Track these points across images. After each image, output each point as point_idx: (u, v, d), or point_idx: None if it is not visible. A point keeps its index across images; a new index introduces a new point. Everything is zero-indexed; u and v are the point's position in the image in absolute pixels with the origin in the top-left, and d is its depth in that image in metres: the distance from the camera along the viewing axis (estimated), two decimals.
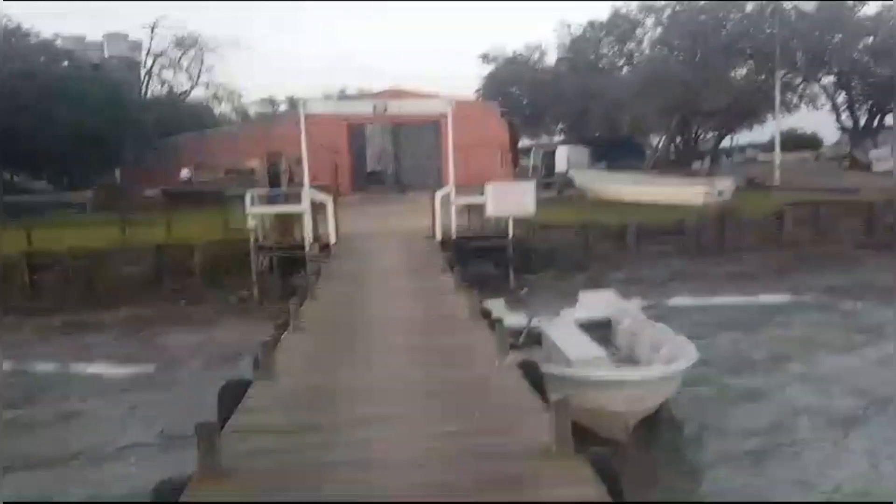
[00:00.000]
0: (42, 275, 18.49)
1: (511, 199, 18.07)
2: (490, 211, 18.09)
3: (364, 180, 33.78)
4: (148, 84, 42.64)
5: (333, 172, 27.01)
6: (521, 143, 47.81)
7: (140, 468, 9.25)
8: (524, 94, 46.28)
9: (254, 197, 18.01)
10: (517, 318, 11.46)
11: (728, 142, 50.83)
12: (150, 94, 42.18)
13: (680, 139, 44.96)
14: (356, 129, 33.23)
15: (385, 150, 35.65)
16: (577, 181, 29.25)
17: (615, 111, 41.66)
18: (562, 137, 49.29)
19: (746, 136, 50.47)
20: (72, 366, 14.07)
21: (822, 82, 41.98)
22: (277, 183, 20.74)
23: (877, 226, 21.93)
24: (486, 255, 18.23)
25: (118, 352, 14.81)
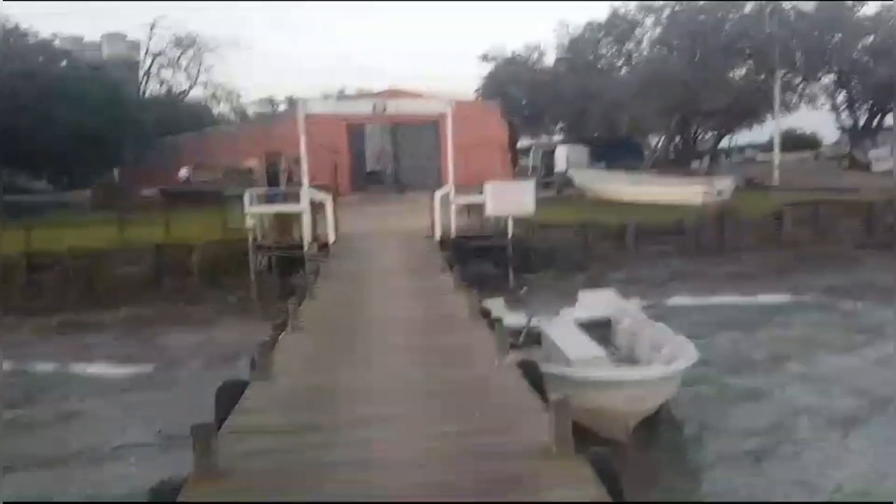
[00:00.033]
0: (41, 275, 18.46)
1: (510, 199, 18.06)
2: (489, 210, 18.09)
3: (363, 180, 33.74)
4: (147, 84, 42.64)
5: (332, 172, 26.97)
6: (521, 143, 47.82)
7: (139, 468, 9.22)
8: (523, 94, 46.27)
9: (252, 196, 17.99)
10: (517, 317, 11.43)
11: (727, 142, 50.85)
12: (149, 93, 42.14)
13: (679, 139, 44.95)
14: (355, 129, 33.19)
15: (384, 150, 35.60)
16: (577, 181, 29.23)
17: (614, 111, 41.68)
18: (561, 137, 49.29)
19: (745, 136, 50.51)
20: (71, 366, 14.04)
21: (821, 82, 42.00)
22: (276, 182, 20.74)
23: (876, 226, 21.92)
24: (486, 255, 18.22)
25: (118, 352, 14.78)
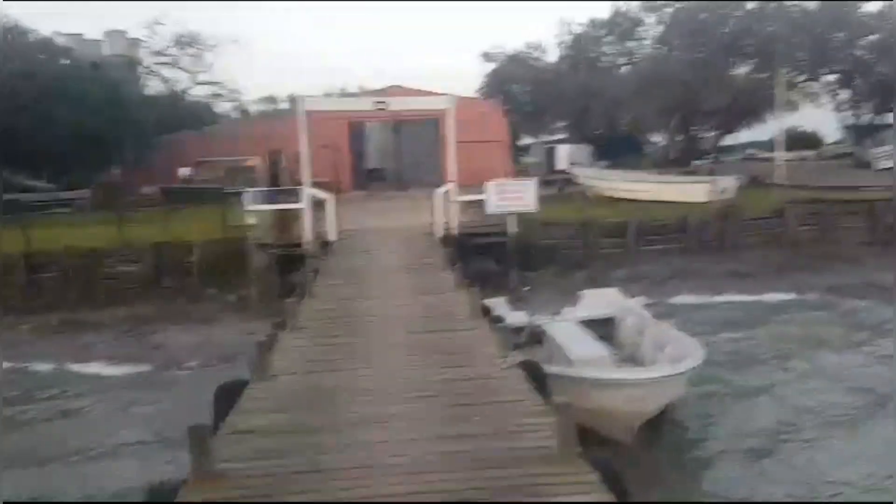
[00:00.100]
0: (41, 274, 18.38)
1: (512, 197, 17.96)
2: (491, 208, 17.98)
3: (365, 177, 33.64)
4: (147, 82, 42.54)
5: (334, 170, 26.90)
6: (522, 141, 47.79)
7: (138, 468, 9.18)
8: (525, 92, 46.19)
9: (253, 195, 17.90)
10: (518, 316, 11.37)
11: (730, 140, 50.72)
12: (150, 92, 42.04)
13: (681, 137, 44.86)
14: (357, 127, 33.10)
15: (386, 148, 35.51)
16: (578, 179, 29.13)
17: (615, 109, 41.60)
18: (563, 135, 49.21)
19: (747, 134, 50.35)
20: (70, 365, 14.01)
21: (823, 80, 41.86)
22: (277, 181, 20.60)
23: (878, 224, 21.80)
24: (487, 253, 18.12)
25: (117, 351, 14.73)
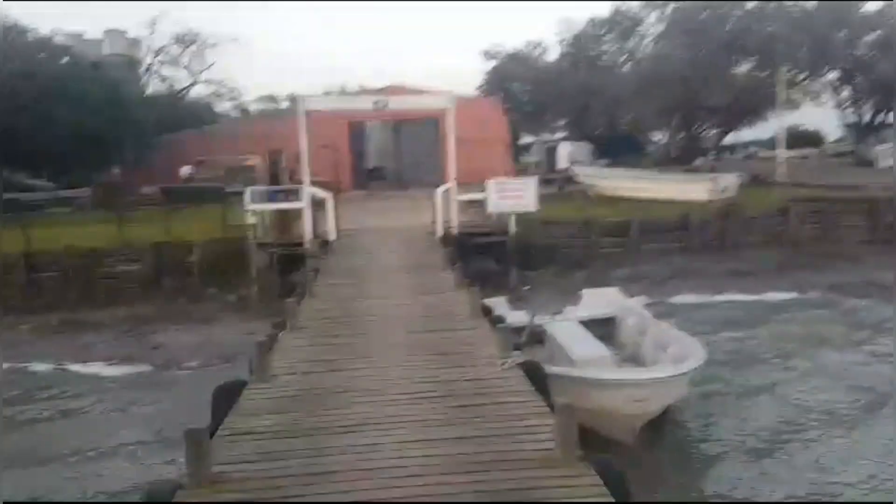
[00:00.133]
0: (41, 273, 18.35)
1: (512, 196, 17.91)
2: (491, 207, 17.93)
3: (365, 177, 33.63)
4: (148, 81, 42.52)
5: (334, 169, 26.85)
6: (523, 140, 47.72)
7: (137, 469, 9.16)
8: (526, 91, 46.13)
9: (253, 194, 17.86)
10: (519, 316, 11.32)
11: (731, 138, 50.64)
12: (150, 91, 42.02)
13: (682, 136, 44.79)
14: (357, 126, 33.08)
15: (386, 147, 35.48)
16: (579, 177, 29.06)
17: (616, 108, 41.54)
18: (563, 134, 49.14)
19: (748, 132, 50.28)
20: (70, 365, 13.98)
21: (825, 78, 41.77)
22: (278, 180, 20.53)
23: (880, 222, 21.76)
24: (488, 252, 18.08)
25: (117, 351, 14.70)
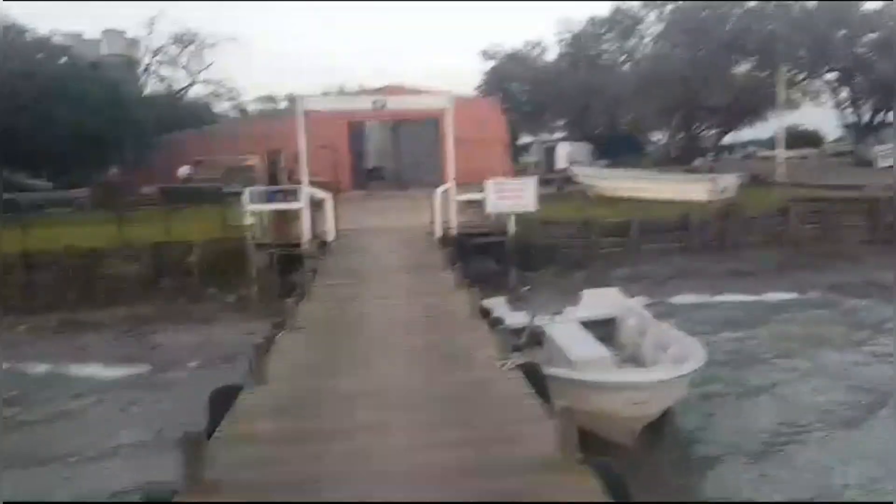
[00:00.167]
0: (40, 273, 18.31)
1: (512, 196, 17.88)
2: (490, 207, 17.89)
3: (364, 177, 33.62)
4: (146, 81, 42.46)
5: (333, 169, 26.82)
6: (522, 139, 47.68)
7: (136, 470, 9.13)
8: (525, 91, 46.08)
9: (252, 194, 17.83)
10: (518, 316, 11.29)
11: (730, 138, 50.62)
12: (149, 91, 41.98)
13: (682, 136, 44.76)
14: (356, 127, 33.06)
15: (385, 147, 35.45)
16: (578, 178, 29.03)
17: (616, 108, 41.51)
18: (562, 134, 49.10)
19: (748, 132, 50.27)
20: (69, 365, 13.93)
21: (824, 78, 41.73)
22: (277, 180, 20.51)
23: (880, 223, 21.75)
24: (487, 252, 18.06)
25: (116, 351, 14.67)
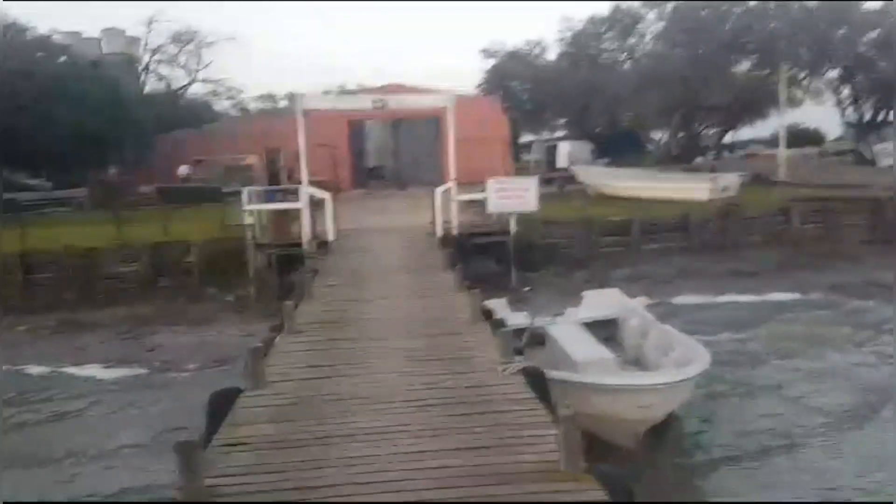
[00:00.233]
0: (39, 273, 18.28)
1: (513, 195, 17.78)
2: (491, 207, 17.79)
3: (364, 176, 33.60)
4: (146, 80, 42.39)
5: (333, 168, 26.77)
6: (523, 138, 47.57)
7: (135, 472, 9.08)
8: (525, 89, 45.97)
9: (251, 194, 17.74)
10: (520, 318, 11.22)
11: (731, 137, 50.51)
12: (148, 89, 41.91)
13: (683, 134, 44.68)
14: (356, 125, 33.01)
15: (385, 146, 35.41)
16: (579, 176, 28.94)
17: (616, 106, 41.40)
18: (563, 133, 48.99)
19: (748, 131, 50.17)
20: (68, 366, 13.89)
21: (826, 77, 41.63)
22: (277, 180, 20.43)
23: (881, 222, 21.67)
24: (488, 252, 17.97)
25: (116, 351, 14.62)
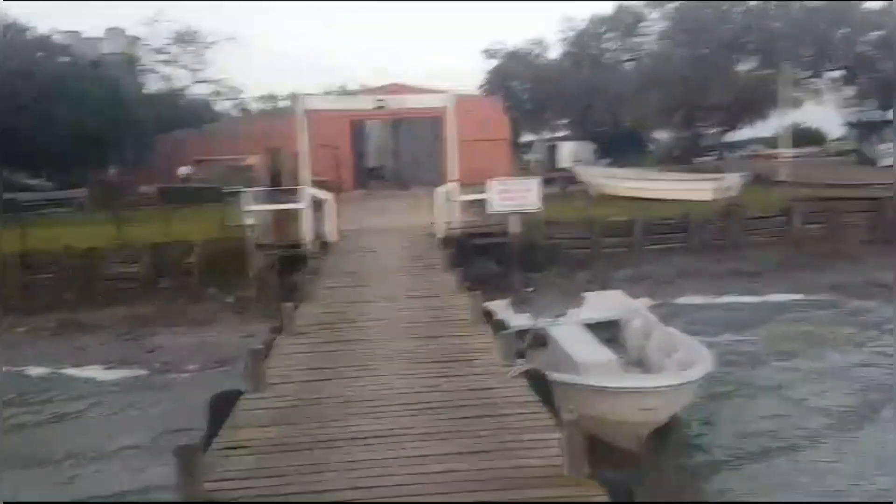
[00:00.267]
0: (39, 274, 18.23)
1: (515, 196, 17.70)
2: (493, 207, 17.71)
3: (365, 176, 33.53)
4: (146, 80, 42.30)
5: (334, 168, 26.71)
6: (524, 138, 47.49)
7: (134, 473, 9.05)
8: (527, 89, 45.89)
9: (252, 194, 17.68)
10: (521, 319, 11.16)
11: (732, 137, 50.38)
12: (149, 89, 41.82)
13: (684, 134, 44.58)
14: (357, 126, 32.95)
15: (386, 146, 35.34)
16: (581, 177, 28.86)
17: (618, 106, 41.29)
18: (565, 132, 48.90)
19: (750, 131, 50.02)
20: (68, 367, 13.86)
21: (827, 77, 41.52)
22: (278, 180, 20.36)
23: (882, 222, 21.60)
24: (489, 253, 17.88)
25: (116, 352, 14.60)
